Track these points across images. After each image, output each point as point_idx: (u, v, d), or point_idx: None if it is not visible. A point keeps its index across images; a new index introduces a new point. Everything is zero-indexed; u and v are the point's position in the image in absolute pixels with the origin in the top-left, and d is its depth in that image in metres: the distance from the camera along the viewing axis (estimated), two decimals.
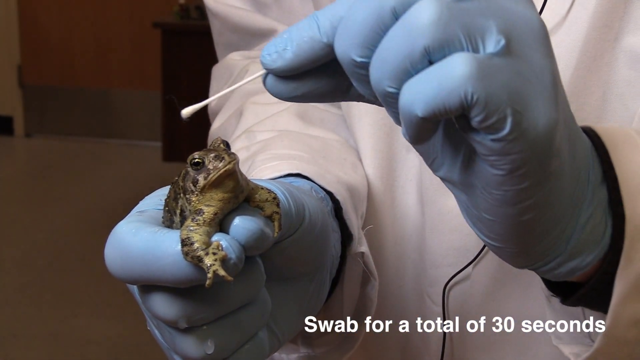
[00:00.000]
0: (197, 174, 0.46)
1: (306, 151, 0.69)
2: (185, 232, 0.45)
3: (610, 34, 0.62)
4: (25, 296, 3.20)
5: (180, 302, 0.47)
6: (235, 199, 0.46)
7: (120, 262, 0.47)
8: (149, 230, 0.46)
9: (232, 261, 0.44)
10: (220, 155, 0.46)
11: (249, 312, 0.49)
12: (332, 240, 0.60)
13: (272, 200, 0.48)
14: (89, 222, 3.72)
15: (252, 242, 0.46)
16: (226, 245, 0.44)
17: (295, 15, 0.84)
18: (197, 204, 0.46)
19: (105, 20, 4.93)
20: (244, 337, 0.50)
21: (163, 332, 0.50)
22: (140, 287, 0.49)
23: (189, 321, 0.47)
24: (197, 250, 0.44)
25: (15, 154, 5.03)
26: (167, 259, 0.45)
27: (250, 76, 0.82)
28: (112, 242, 0.47)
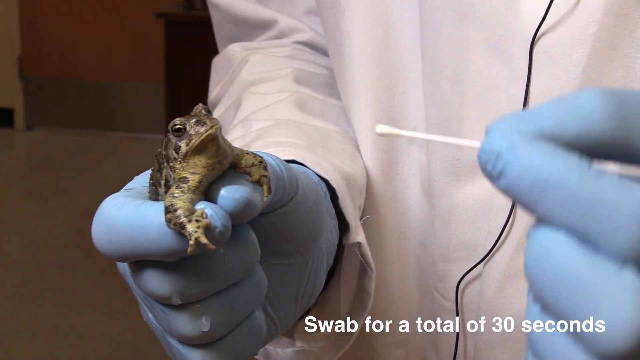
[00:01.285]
0: (179, 141, 0.46)
1: (303, 139, 0.68)
2: (169, 199, 0.44)
3: (627, 23, 0.60)
4: (27, 292, 3.20)
5: (173, 277, 0.46)
6: (219, 165, 0.46)
7: (107, 238, 0.46)
8: (135, 204, 0.46)
9: (218, 229, 0.44)
10: (201, 120, 0.45)
11: (244, 288, 0.49)
12: (328, 225, 0.60)
13: (259, 164, 0.47)
14: (91, 217, 3.59)
15: (239, 211, 0.45)
16: (211, 213, 0.44)
17: (296, 5, 0.83)
18: (181, 171, 0.45)
19: (107, 11, 4.91)
20: (240, 316, 0.49)
21: (157, 313, 0.49)
22: (131, 266, 0.48)
23: (183, 297, 0.46)
24: (179, 217, 0.43)
25: (16, 147, 5.03)
26: (152, 230, 0.44)
27: (247, 67, 0.81)
28: (98, 218, 0.47)
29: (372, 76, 0.72)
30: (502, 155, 0.35)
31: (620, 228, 0.34)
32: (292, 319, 0.58)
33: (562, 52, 0.61)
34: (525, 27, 0.62)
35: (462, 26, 0.65)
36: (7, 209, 3.98)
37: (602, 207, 0.34)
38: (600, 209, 0.34)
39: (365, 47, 0.71)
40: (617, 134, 0.35)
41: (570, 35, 0.61)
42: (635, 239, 0.34)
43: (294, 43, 0.84)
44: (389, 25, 0.71)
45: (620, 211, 0.34)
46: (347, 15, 0.71)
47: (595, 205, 0.34)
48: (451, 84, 0.66)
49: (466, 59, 0.65)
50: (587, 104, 0.35)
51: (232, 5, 0.87)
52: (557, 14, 0.61)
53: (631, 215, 0.33)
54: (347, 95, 0.74)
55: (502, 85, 0.65)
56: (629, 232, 0.34)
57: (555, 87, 0.62)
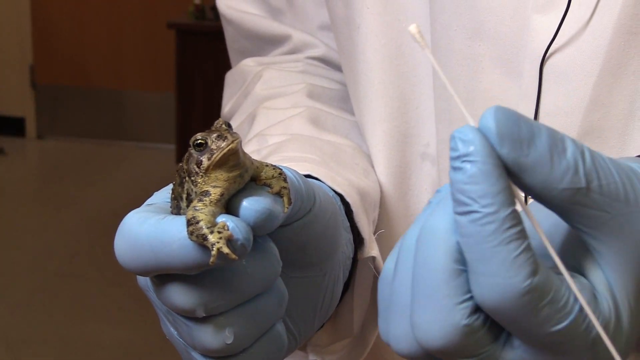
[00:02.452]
0: (201, 155, 0.46)
1: (318, 154, 0.68)
2: (191, 212, 0.45)
3: (636, 41, 0.61)
4: (36, 300, 3.21)
5: (196, 290, 0.47)
6: (240, 179, 0.47)
7: (129, 253, 0.47)
8: (156, 218, 0.47)
9: (240, 242, 0.44)
10: (222, 134, 0.46)
11: (266, 301, 0.50)
12: (344, 238, 0.60)
13: (279, 176, 0.48)
14: (101, 226, 3.73)
15: (261, 222, 0.46)
16: (232, 226, 0.44)
17: (309, 21, 0.83)
18: (203, 185, 0.46)
19: (118, 20, 4.92)
20: (262, 328, 0.50)
21: (180, 327, 0.49)
22: (154, 280, 0.49)
23: (207, 309, 0.47)
24: (201, 228, 0.44)
25: (27, 155, 5.04)
26: (174, 243, 0.45)
27: (261, 82, 0.82)
28: (120, 233, 0.48)
29: (386, 92, 0.72)
30: (462, 159, 0.39)
31: (491, 292, 0.39)
32: (311, 331, 0.58)
33: (572, 70, 0.62)
34: (536, 45, 0.63)
35: (473, 43, 0.65)
36: (18, 217, 3.98)
37: (488, 265, 0.39)
38: (485, 264, 0.39)
39: (379, 63, 0.71)
40: (565, 205, 0.40)
41: (580, 54, 0.62)
42: (493, 303, 0.39)
43: (308, 58, 0.84)
44: (402, 42, 0.71)
45: (496, 278, 0.39)
46: (361, 32, 0.72)
47: (483, 259, 0.39)
48: (462, 101, 0.67)
49: (477, 75, 0.66)
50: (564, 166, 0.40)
51: (246, 20, 0.87)
52: (568, 33, 0.62)
53: (500, 287, 0.39)
54: (361, 110, 0.74)
55: (512, 103, 0.65)
56: (492, 295, 0.39)
57: (565, 105, 0.63)
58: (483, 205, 0.39)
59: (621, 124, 0.63)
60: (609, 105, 0.62)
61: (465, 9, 0.65)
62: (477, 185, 0.39)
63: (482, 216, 0.39)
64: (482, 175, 0.39)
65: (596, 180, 0.40)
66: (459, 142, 0.40)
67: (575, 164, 0.40)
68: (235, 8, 0.88)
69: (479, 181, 0.39)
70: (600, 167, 0.40)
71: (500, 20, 0.64)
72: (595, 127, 0.63)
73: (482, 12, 0.64)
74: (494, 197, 0.39)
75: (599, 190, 0.40)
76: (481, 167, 0.39)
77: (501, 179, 0.39)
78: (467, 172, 0.39)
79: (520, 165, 0.39)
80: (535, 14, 0.62)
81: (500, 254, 0.39)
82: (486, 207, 0.39)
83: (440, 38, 0.67)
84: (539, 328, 0.39)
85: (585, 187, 0.40)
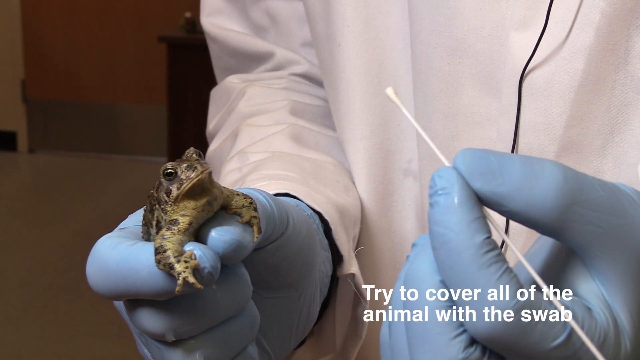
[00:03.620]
0: (170, 185, 0.47)
1: (297, 172, 0.69)
2: (159, 240, 0.46)
3: (613, 57, 0.61)
4: (28, 316, 3.19)
5: (166, 315, 0.47)
6: (209, 207, 0.47)
7: (100, 278, 0.47)
8: (127, 244, 0.47)
9: (207, 270, 0.45)
10: (192, 165, 0.47)
11: (237, 324, 0.50)
12: (320, 257, 0.61)
13: (249, 205, 0.49)
14: (94, 240, 3.62)
15: (229, 253, 0.46)
16: (200, 254, 0.45)
17: (292, 38, 0.84)
18: (172, 213, 0.47)
19: (109, 34, 4.92)
20: (233, 351, 0.50)
21: (152, 349, 0.50)
22: (126, 303, 0.49)
23: (176, 334, 0.48)
24: (168, 257, 0.45)
25: (19, 169, 5.03)
26: (143, 271, 0.45)
27: (245, 99, 0.83)
28: (92, 258, 0.48)
29: (367, 109, 0.72)
30: (437, 194, 0.41)
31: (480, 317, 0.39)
32: (287, 350, 0.58)
33: (551, 87, 0.62)
34: (515, 62, 0.63)
35: (453, 60, 0.65)
36: (10, 231, 3.97)
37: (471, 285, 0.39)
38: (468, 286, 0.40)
39: (360, 80, 0.72)
40: (552, 223, 0.41)
41: (558, 71, 0.62)
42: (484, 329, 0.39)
43: (291, 75, 0.85)
44: (383, 59, 0.71)
45: (482, 304, 0.39)
46: (342, 50, 0.72)
47: (466, 286, 0.40)
48: (443, 117, 0.67)
49: (457, 92, 0.66)
50: (542, 190, 0.40)
51: (230, 38, 0.88)
52: (546, 50, 0.62)
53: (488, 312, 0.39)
54: (342, 128, 0.75)
55: (492, 119, 0.65)
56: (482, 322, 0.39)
57: (544, 121, 0.63)
58: (458, 232, 0.40)
59: (600, 139, 0.63)
60: (587, 120, 0.63)
61: (444, 27, 0.65)
62: (451, 214, 0.40)
63: (459, 243, 0.40)
64: (455, 206, 0.40)
65: (583, 196, 0.41)
66: (435, 179, 0.41)
67: (557, 183, 0.40)
68: (219, 26, 0.89)
69: (452, 211, 0.40)
70: (585, 183, 0.41)
71: (479, 38, 0.64)
72: (574, 142, 0.63)
73: (461, 29, 0.65)
74: (469, 224, 0.40)
75: (587, 205, 0.41)
76: (454, 198, 0.40)
77: (475, 208, 0.40)
78: (442, 204, 0.40)
79: (497, 194, 0.41)
80: (513, 32, 0.63)
81: (483, 279, 0.39)
82: (461, 234, 0.40)
83: (420, 55, 0.67)
84: (537, 347, 0.40)
85: (572, 203, 0.40)
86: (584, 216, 0.41)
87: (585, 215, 0.41)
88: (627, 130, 0.63)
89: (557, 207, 0.40)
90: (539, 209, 0.40)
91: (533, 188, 0.40)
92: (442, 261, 0.40)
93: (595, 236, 0.41)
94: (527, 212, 0.41)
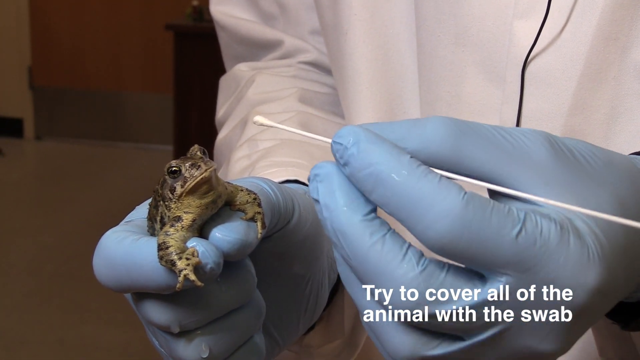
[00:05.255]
0: (175, 182, 0.47)
1: (306, 159, 0.69)
2: (162, 237, 0.46)
3: (616, 46, 0.61)
4: (34, 302, 3.20)
5: (171, 307, 0.48)
6: (213, 204, 0.48)
7: (106, 271, 0.48)
8: (132, 239, 0.48)
9: (209, 266, 0.45)
10: (196, 163, 0.47)
11: (242, 315, 0.50)
12: (329, 242, 0.60)
13: (253, 201, 0.49)
14: (99, 227, 3.67)
15: (233, 252, 0.47)
16: (202, 250, 0.46)
17: (301, 26, 0.85)
18: (176, 210, 0.47)
19: (116, 22, 4.92)
20: (239, 341, 0.51)
21: (159, 338, 0.51)
22: (133, 295, 0.50)
23: (182, 325, 0.48)
24: (170, 254, 0.45)
25: (25, 156, 5.03)
26: (147, 266, 0.46)
27: (254, 87, 0.83)
28: (98, 251, 0.49)
29: (374, 97, 0.72)
30: (348, 148, 0.42)
31: (436, 223, 0.39)
32: (296, 336, 0.59)
33: (554, 75, 0.63)
34: (518, 50, 0.63)
35: (457, 49, 0.66)
36: (16, 218, 3.98)
37: (419, 204, 0.40)
38: (416, 206, 0.40)
39: (367, 68, 0.72)
40: (450, 154, 0.42)
41: (561, 59, 0.62)
42: (440, 235, 0.39)
43: (299, 63, 0.85)
44: (389, 47, 0.72)
45: (432, 209, 0.39)
46: (349, 38, 0.72)
47: (412, 202, 0.40)
48: (447, 105, 0.68)
49: (461, 81, 0.67)
50: (431, 128, 0.42)
51: (239, 26, 0.88)
52: (548, 38, 0.62)
53: (441, 213, 0.39)
54: (350, 115, 0.75)
55: (495, 107, 0.66)
56: (437, 228, 0.39)
57: (546, 109, 0.64)
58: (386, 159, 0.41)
59: (602, 128, 0.64)
60: (590, 109, 0.63)
61: (449, 16, 0.66)
62: (375, 144, 0.41)
63: (391, 168, 0.41)
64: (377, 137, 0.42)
65: (470, 128, 0.42)
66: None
67: (443, 121, 0.42)
68: (228, 14, 0.89)
69: (368, 145, 0.41)
70: (469, 122, 0.42)
71: (483, 26, 0.64)
72: (576, 130, 0.63)
73: (465, 18, 0.65)
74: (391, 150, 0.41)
75: (477, 133, 0.42)
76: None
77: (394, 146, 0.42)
78: (350, 144, 0.42)
79: (394, 140, 0.42)
80: (516, 20, 0.63)
81: (425, 187, 0.40)
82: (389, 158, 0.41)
83: (425, 44, 0.68)
84: (499, 240, 0.39)
85: (461, 133, 0.42)
86: (478, 142, 0.41)
87: (479, 141, 0.42)
88: (630, 119, 0.63)
89: (449, 136, 0.41)
90: (434, 140, 0.41)
91: (423, 127, 0.42)
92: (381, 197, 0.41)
93: (498, 159, 0.41)
94: (425, 148, 0.41)
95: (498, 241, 0.39)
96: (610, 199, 0.42)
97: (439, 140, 0.42)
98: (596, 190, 0.42)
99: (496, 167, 0.41)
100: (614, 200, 0.42)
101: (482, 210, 0.39)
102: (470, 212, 0.39)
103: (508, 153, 0.42)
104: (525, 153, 0.42)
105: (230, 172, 0.74)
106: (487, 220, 0.39)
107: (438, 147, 0.41)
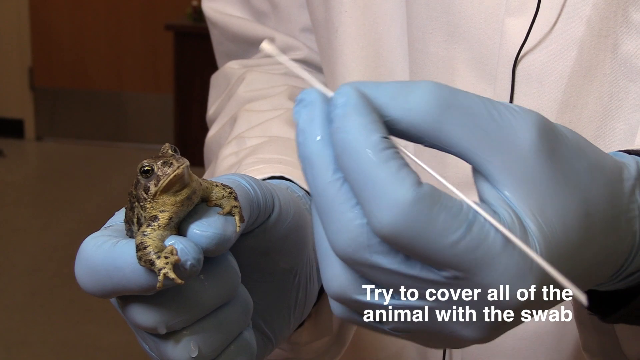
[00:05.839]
0: (148, 182, 0.47)
1: (293, 156, 0.69)
2: (139, 237, 0.46)
3: (607, 43, 0.61)
4: (35, 302, 3.20)
5: (156, 309, 0.48)
6: (188, 201, 0.48)
7: (88, 277, 0.48)
8: (111, 243, 0.48)
9: (189, 262, 0.45)
10: (168, 160, 0.47)
11: (229, 312, 0.50)
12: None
13: (229, 195, 0.49)
14: (100, 227, 3.70)
15: (212, 247, 0.47)
16: (181, 247, 0.46)
17: (292, 24, 0.85)
18: (152, 210, 0.47)
19: (117, 22, 4.92)
20: (228, 338, 0.51)
21: (148, 342, 0.51)
22: (118, 300, 0.50)
23: (168, 326, 0.48)
24: (149, 254, 0.45)
25: (26, 157, 5.03)
26: (127, 268, 0.46)
27: (244, 84, 0.83)
28: (79, 258, 0.49)
29: None
30: (337, 107, 0.41)
31: (381, 212, 0.39)
32: (287, 331, 0.59)
33: (544, 72, 0.63)
34: (509, 47, 0.63)
35: (449, 46, 0.66)
36: (17, 219, 3.98)
37: (372, 188, 0.40)
38: (370, 188, 0.40)
39: (357, 65, 0.72)
40: (430, 127, 0.41)
41: (551, 56, 0.63)
42: (384, 224, 0.39)
43: (290, 60, 0.85)
44: (380, 45, 0.72)
45: (383, 197, 0.39)
46: (340, 35, 0.73)
47: (367, 183, 0.40)
48: None
49: (452, 78, 0.67)
50: (418, 96, 0.41)
51: (230, 23, 0.88)
52: (539, 35, 0.62)
53: (389, 204, 0.39)
54: None
55: None
56: (382, 217, 0.39)
57: (537, 107, 0.64)
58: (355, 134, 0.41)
59: (593, 126, 0.64)
60: (580, 107, 0.63)
61: (440, 13, 0.66)
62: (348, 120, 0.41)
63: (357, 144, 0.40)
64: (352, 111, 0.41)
65: (457, 101, 0.41)
66: (336, 98, 0.42)
67: (430, 89, 0.41)
68: (220, 11, 0.89)
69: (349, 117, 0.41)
70: (458, 92, 0.42)
71: (474, 24, 0.65)
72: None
73: (456, 15, 0.65)
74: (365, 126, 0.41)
75: (463, 109, 0.41)
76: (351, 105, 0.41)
77: (371, 114, 0.41)
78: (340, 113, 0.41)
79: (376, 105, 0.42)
80: (507, 17, 0.63)
81: (382, 174, 0.40)
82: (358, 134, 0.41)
83: (416, 41, 0.68)
84: (440, 241, 0.39)
85: (447, 106, 0.41)
86: (461, 119, 0.41)
87: (462, 118, 0.41)
88: (620, 117, 0.63)
89: (432, 109, 0.41)
90: (417, 111, 0.41)
91: (408, 95, 0.41)
92: (344, 165, 0.41)
93: (477, 140, 0.41)
94: (405, 118, 0.41)
95: (439, 243, 0.39)
96: (577, 206, 0.42)
97: (422, 111, 0.41)
98: (565, 194, 0.42)
99: (474, 149, 0.41)
100: (581, 208, 0.42)
101: (430, 209, 0.39)
102: (416, 209, 0.39)
103: (490, 136, 0.41)
104: (508, 138, 0.41)
105: (218, 169, 0.74)
106: (432, 219, 0.39)
107: (420, 118, 0.41)
